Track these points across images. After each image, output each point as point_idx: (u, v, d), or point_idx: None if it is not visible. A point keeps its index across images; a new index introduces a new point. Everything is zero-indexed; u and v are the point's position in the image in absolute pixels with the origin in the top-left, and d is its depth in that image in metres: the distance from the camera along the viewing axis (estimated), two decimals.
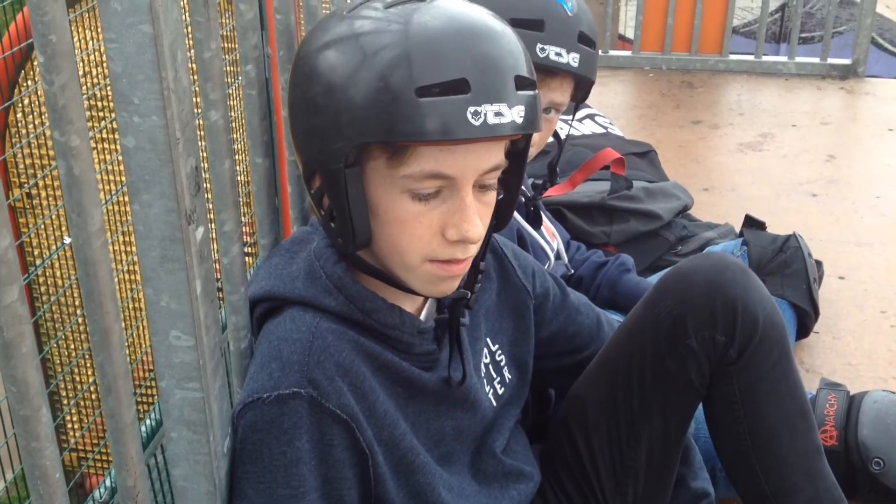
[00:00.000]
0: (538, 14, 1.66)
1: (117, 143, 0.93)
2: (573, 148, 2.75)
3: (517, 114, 1.04)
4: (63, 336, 2.35)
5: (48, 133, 0.81)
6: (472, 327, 1.34)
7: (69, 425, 2.42)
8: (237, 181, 1.16)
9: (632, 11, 5.49)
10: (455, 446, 1.30)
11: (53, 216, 2.25)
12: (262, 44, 1.25)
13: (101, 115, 2.29)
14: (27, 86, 2.20)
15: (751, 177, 3.49)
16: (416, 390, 1.22)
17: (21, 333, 0.79)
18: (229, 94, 2.31)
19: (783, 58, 4.69)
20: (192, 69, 0.98)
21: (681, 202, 2.77)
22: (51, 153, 2.17)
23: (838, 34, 5.96)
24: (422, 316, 1.25)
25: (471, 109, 1.01)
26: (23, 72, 2.21)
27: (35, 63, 2.03)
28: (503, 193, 1.22)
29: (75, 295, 2.33)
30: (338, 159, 1.06)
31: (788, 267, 2.34)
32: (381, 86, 1.02)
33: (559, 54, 1.67)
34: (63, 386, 2.38)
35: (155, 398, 2.22)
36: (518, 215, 1.85)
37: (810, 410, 1.45)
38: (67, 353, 2.39)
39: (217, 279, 1.07)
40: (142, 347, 2.38)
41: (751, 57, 4.66)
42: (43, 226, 2.27)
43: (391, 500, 1.19)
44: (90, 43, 2.20)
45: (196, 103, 0.99)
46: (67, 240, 2.17)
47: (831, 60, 4.57)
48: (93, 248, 0.88)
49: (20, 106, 2.22)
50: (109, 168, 2.28)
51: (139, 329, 2.37)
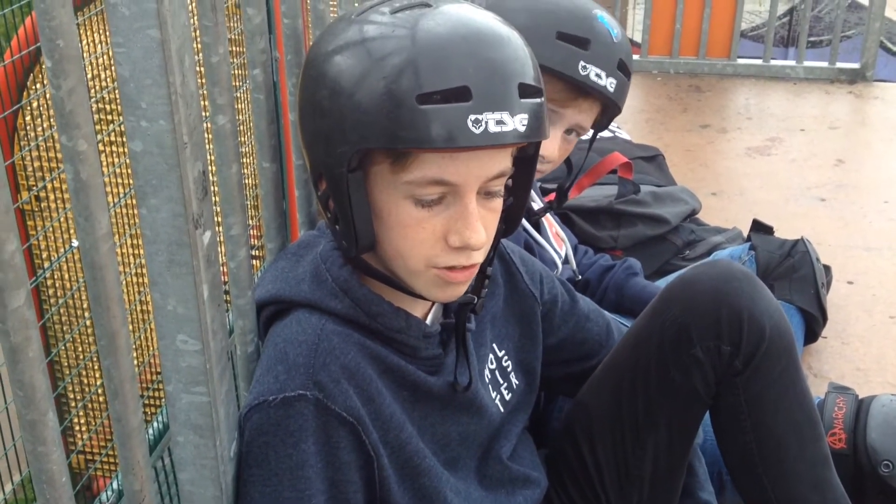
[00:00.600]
0: (586, 33, 1.68)
1: (126, 147, 0.93)
2: (580, 152, 2.75)
3: (520, 122, 1.04)
4: (71, 338, 2.36)
5: (56, 136, 0.80)
6: (478, 333, 1.33)
7: (77, 428, 2.43)
8: (244, 185, 1.16)
9: (639, 15, 5.49)
10: (461, 451, 1.29)
11: (62, 219, 2.25)
12: (270, 47, 1.25)
13: (110, 119, 2.30)
14: (36, 89, 2.21)
15: (759, 181, 3.48)
16: (422, 394, 1.22)
17: (28, 338, 0.80)
18: (237, 98, 2.32)
19: (791, 62, 4.67)
20: (200, 72, 0.99)
21: (688, 206, 2.77)
22: (59, 156, 2.17)
23: (847, 38, 5.96)
24: (428, 320, 1.25)
25: (471, 117, 1.01)
26: (31, 75, 2.22)
27: (43, 67, 2.03)
28: (512, 199, 1.22)
29: (83, 297, 2.33)
30: (341, 163, 1.06)
31: (796, 272, 2.33)
32: (384, 92, 1.02)
33: (599, 76, 1.68)
34: (71, 388, 2.39)
35: (162, 401, 2.22)
36: (525, 222, 1.85)
37: (818, 419, 1.44)
38: (76, 356, 2.40)
39: (224, 283, 1.07)
40: (150, 350, 2.39)
41: (759, 61, 4.65)
42: (51, 228, 2.28)
43: (396, 503, 1.19)
44: (99, 46, 2.21)
45: (204, 107, 0.99)
46: (76, 243, 2.17)
47: (840, 64, 4.56)
48: (100, 253, 0.88)
49: (29, 109, 2.23)
50: (118, 171, 2.29)
51: (147, 332, 2.38)
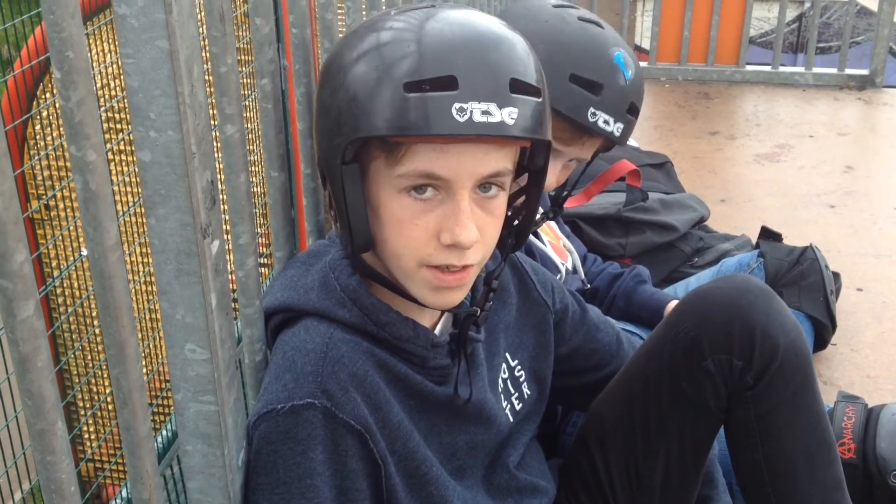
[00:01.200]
0: (601, 78, 1.63)
1: (135, 155, 0.93)
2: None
3: (508, 115, 1.02)
4: (81, 347, 2.36)
5: (66, 145, 0.81)
6: (491, 342, 1.33)
7: (86, 436, 2.43)
8: (252, 194, 1.16)
9: (648, 22, 5.49)
10: (468, 460, 1.29)
11: (71, 227, 2.26)
12: (279, 56, 1.26)
13: (120, 128, 2.30)
14: (45, 98, 2.22)
15: (768, 188, 3.48)
16: (430, 404, 1.22)
17: (37, 348, 0.80)
18: (245, 107, 2.32)
19: (800, 68, 4.68)
20: (209, 81, 0.99)
21: (697, 214, 2.77)
22: (69, 165, 2.18)
23: (856, 44, 5.94)
24: (437, 330, 1.25)
25: (456, 106, 1.01)
26: (41, 85, 2.23)
27: (53, 76, 2.04)
28: (524, 212, 1.22)
29: (93, 306, 2.34)
30: (336, 155, 1.07)
31: (805, 279, 2.32)
32: (375, 81, 1.04)
33: (607, 122, 1.64)
34: (80, 396, 2.39)
35: (171, 409, 2.22)
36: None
37: (833, 443, 1.42)
38: (85, 364, 2.40)
39: (232, 291, 1.07)
40: (159, 358, 2.39)
41: (768, 67, 4.65)
42: (61, 237, 2.28)
43: None
44: (109, 55, 2.22)
45: (212, 116, 0.99)
46: (85, 251, 2.18)
47: (849, 71, 4.56)
48: (109, 262, 0.89)
49: (38, 118, 2.24)
50: (128, 179, 2.29)
51: (156, 340, 2.38)
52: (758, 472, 1.41)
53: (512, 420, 1.36)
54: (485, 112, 1.01)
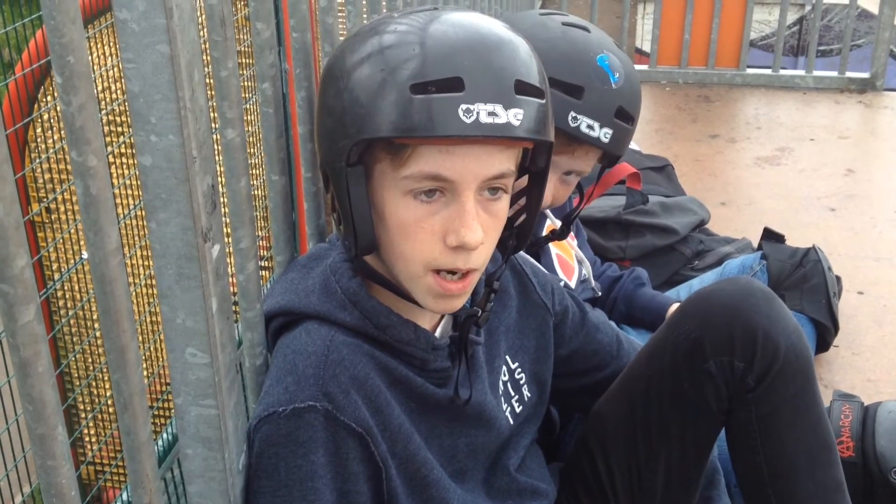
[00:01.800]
0: (580, 80, 1.57)
1: (136, 158, 0.93)
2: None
3: (514, 116, 1.03)
4: (81, 350, 2.36)
5: (67, 148, 0.81)
6: (491, 345, 1.33)
7: (87, 438, 2.43)
8: (253, 197, 1.16)
9: (648, 25, 5.50)
10: (468, 463, 1.29)
11: (72, 230, 2.26)
12: (280, 60, 1.26)
13: (121, 131, 2.30)
14: (46, 101, 2.22)
15: (768, 191, 3.48)
16: (430, 406, 1.22)
17: (37, 352, 0.80)
18: (245, 110, 2.33)
19: (801, 71, 4.68)
20: (209, 85, 0.99)
21: (697, 217, 2.77)
22: (70, 168, 2.18)
23: (856, 47, 5.94)
24: (437, 332, 1.25)
25: (462, 107, 1.01)
26: (42, 88, 2.23)
27: (54, 80, 2.04)
28: (524, 215, 1.22)
29: (93, 309, 2.34)
30: (341, 157, 1.07)
31: (807, 281, 2.32)
32: (380, 83, 1.04)
33: (591, 127, 1.58)
34: (81, 399, 2.39)
35: (172, 412, 2.22)
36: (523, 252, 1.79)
37: (833, 444, 1.42)
38: (86, 367, 2.40)
39: (232, 295, 1.07)
40: (159, 361, 2.39)
41: (768, 70, 4.65)
42: (62, 240, 2.28)
43: None
44: (110, 59, 2.22)
45: (213, 118, 0.99)
46: (86, 254, 2.18)
47: (849, 74, 4.56)
48: (110, 267, 0.89)
49: (39, 121, 2.24)
50: (129, 182, 2.29)
51: (157, 343, 2.38)
52: (758, 474, 1.41)
53: (512, 423, 1.36)
54: (491, 113, 1.02)
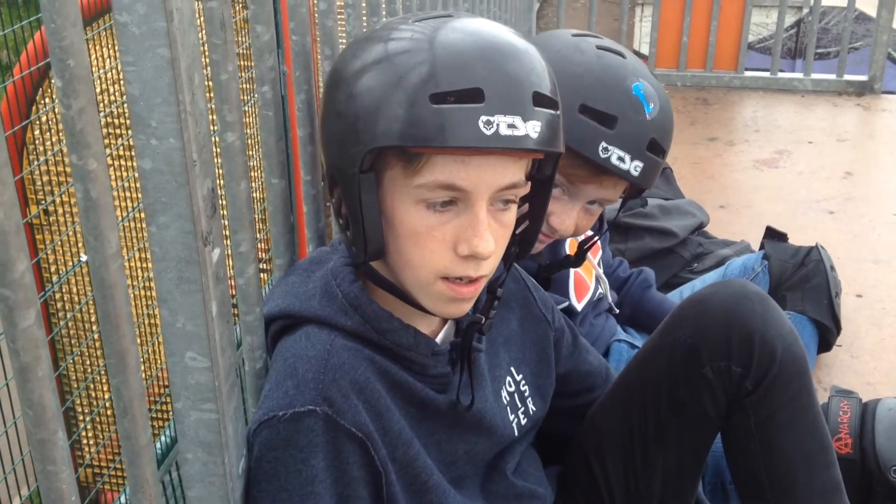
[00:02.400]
0: (614, 110, 1.48)
1: (135, 161, 0.93)
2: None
3: (532, 128, 1.03)
4: (79, 353, 2.36)
5: (66, 150, 0.81)
6: (492, 354, 1.33)
7: (85, 441, 2.42)
8: (252, 200, 1.16)
9: (646, 28, 5.50)
10: (467, 469, 1.29)
11: (71, 233, 2.25)
12: (279, 62, 1.25)
13: (119, 133, 2.30)
14: (45, 104, 2.22)
15: (767, 194, 3.48)
16: (430, 412, 1.22)
17: (38, 357, 0.79)
18: (244, 112, 2.32)
19: (799, 74, 4.68)
20: (208, 86, 0.99)
21: (696, 219, 2.77)
22: (68, 170, 2.17)
23: (854, 50, 5.95)
24: (438, 338, 1.24)
25: (483, 118, 1.01)
26: (41, 90, 2.23)
27: (52, 81, 2.03)
28: (527, 222, 1.22)
29: (92, 311, 2.33)
30: (353, 164, 1.07)
31: (809, 281, 2.31)
32: (398, 91, 1.03)
33: (622, 159, 1.48)
34: (79, 402, 2.39)
35: (170, 414, 2.22)
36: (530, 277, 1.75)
37: (831, 446, 1.42)
38: (83, 370, 2.40)
39: (231, 296, 1.07)
40: (157, 364, 2.39)
41: (766, 73, 4.65)
42: (60, 242, 2.28)
43: None
44: (108, 61, 2.22)
45: (212, 121, 0.99)
46: (84, 257, 2.18)
47: (847, 77, 4.57)
48: (110, 271, 0.88)
49: (38, 123, 2.24)
50: (126, 185, 2.29)
51: (155, 346, 2.38)
52: (756, 477, 1.41)
53: (517, 434, 1.36)
54: (510, 125, 1.02)
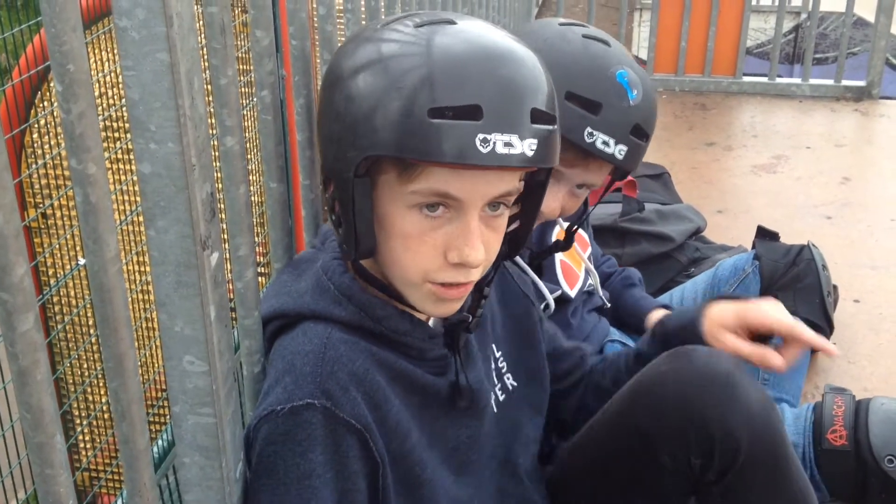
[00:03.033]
0: (599, 96, 1.55)
1: (133, 164, 0.93)
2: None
3: (528, 147, 1.03)
4: (77, 356, 2.36)
5: (64, 154, 0.81)
6: (481, 333, 1.34)
7: (82, 445, 2.42)
8: (251, 204, 1.16)
9: (645, 33, 5.51)
10: (472, 456, 1.30)
11: (68, 236, 2.26)
12: (278, 67, 1.26)
13: (117, 136, 2.30)
14: (43, 107, 2.22)
15: (765, 199, 3.48)
16: (431, 397, 1.23)
17: (36, 361, 0.79)
18: (243, 116, 2.32)
19: (797, 79, 4.69)
20: (208, 90, 0.99)
21: (693, 224, 2.77)
22: (66, 174, 2.18)
23: (852, 55, 5.96)
24: (431, 322, 1.25)
25: (480, 136, 1.01)
26: (39, 93, 2.23)
27: (51, 85, 2.04)
28: (518, 222, 1.22)
29: (89, 315, 2.33)
30: (349, 167, 1.07)
31: (801, 281, 2.30)
32: (398, 102, 1.03)
33: (606, 143, 1.56)
34: (76, 406, 2.39)
35: (167, 418, 2.22)
36: (522, 262, 1.80)
37: None
38: (81, 374, 2.40)
39: (230, 300, 1.07)
40: (155, 367, 2.38)
41: (764, 78, 4.66)
42: (58, 246, 2.28)
43: None
44: (106, 65, 2.22)
45: (211, 125, 0.99)
46: (82, 260, 2.18)
47: (845, 82, 4.57)
48: (108, 275, 0.88)
49: (36, 127, 2.24)
50: (125, 189, 2.29)
51: (153, 349, 2.38)
52: None
53: (495, 411, 1.35)
54: (507, 144, 1.02)
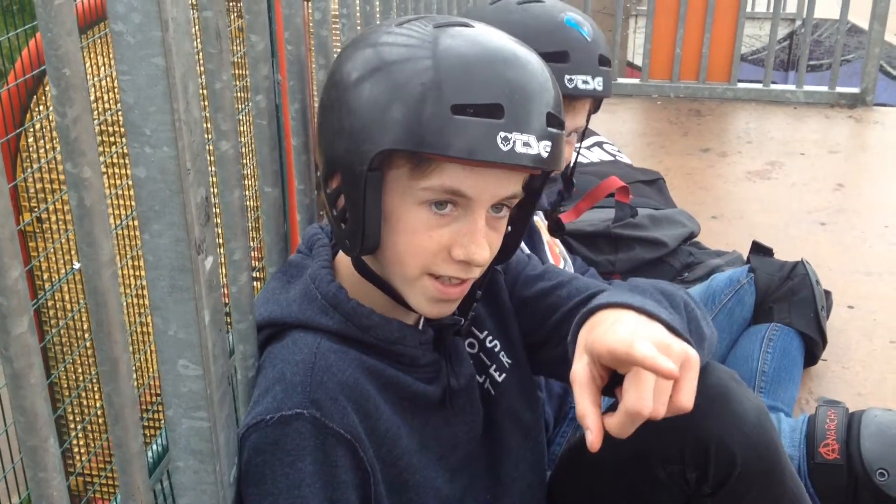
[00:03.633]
0: (561, 45, 1.68)
1: (128, 168, 0.93)
2: (580, 176, 2.76)
3: (543, 148, 1.07)
4: (71, 360, 2.35)
5: (59, 158, 0.81)
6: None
7: (76, 450, 2.42)
8: (246, 208, 1.16)
9: (640, 39, 5.52)
10: (471, 449, 1.30)
11: (63, 241, 2.25)
12: (273, 72, 1.26)
13: (112, 140, 2.30)
14: (39, 111, 2.22)
15: (759, 205, 3.49)
16: (422, 402, 1.23)
17: (30, 364, 0.80)
18: (238, 121, 2.32)
19: (791, 86, 4.70)
20: (203, 95, 0.99)
21: (686, 229, 2.77)
22: (61, 177, 2.17)
23: (847, 62, 5.98)
24: (420, 325, 1.25)
25: (501, 134, 1.04)
26: (34, 97, 2.23)
27: (47, 89, 2.04)
28: (511, 227, 1.23)
29: (84, 319, 2.33)
30: (363, 161, 1.08)
31: (796, 294, 2.33)
32: (420, 98, 1.04)
33: (585, 82, 1.69)
34: (70, 410, 2.38)
35: (162, 423, 2.21)
36: None
37: None
38: (75, 378, 2.39)
39: (224, 304, 1.07)
40: (149, 372, 2.38)
41: (759, 85, 4.67)
42: (53, 250, 2.28)
43: None
44: (102, 69, 2.22)
45: (206, 129, 1.00)
46: (77, 265, 2.18)
47: (840, 89, 4.58)
48: (103, 279, 0.89)
49: (31, 131, 2.24)
50: (119, 193, 2.29)
51: (147, 354, 2.37)
52: None
53: (493, 393, 1.34)
54: (525, 144, 1.06)
